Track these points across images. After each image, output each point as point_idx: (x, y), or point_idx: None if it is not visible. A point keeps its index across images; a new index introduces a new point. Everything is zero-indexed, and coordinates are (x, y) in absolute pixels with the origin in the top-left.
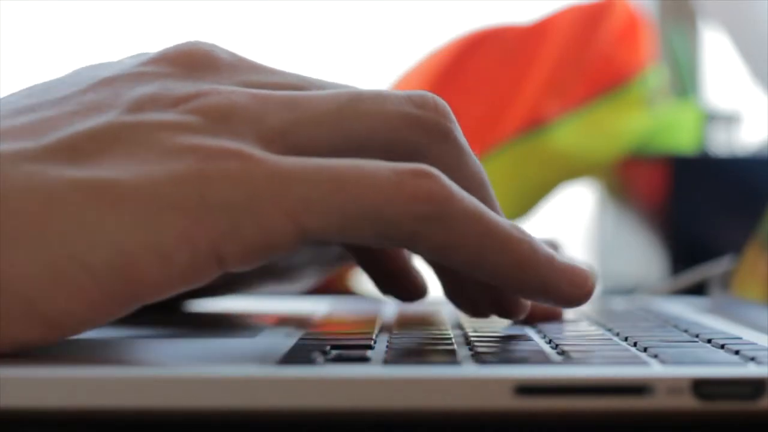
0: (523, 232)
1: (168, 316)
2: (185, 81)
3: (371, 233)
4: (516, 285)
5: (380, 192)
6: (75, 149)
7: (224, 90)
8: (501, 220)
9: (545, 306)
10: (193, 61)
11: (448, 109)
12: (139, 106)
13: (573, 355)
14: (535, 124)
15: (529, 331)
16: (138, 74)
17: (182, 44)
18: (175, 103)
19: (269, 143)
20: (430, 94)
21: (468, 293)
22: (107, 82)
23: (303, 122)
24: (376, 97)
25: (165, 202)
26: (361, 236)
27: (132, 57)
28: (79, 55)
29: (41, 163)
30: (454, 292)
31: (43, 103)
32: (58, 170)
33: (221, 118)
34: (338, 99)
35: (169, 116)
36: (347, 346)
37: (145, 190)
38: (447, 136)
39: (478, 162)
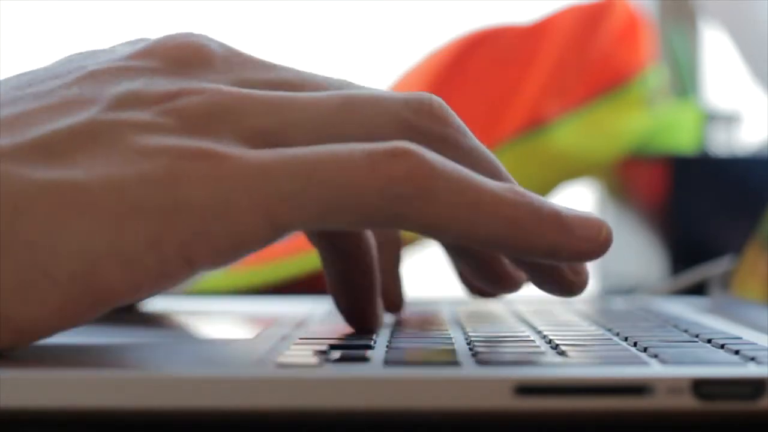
0: (520, 193)
1: (168, 316)
2: (171, 78)
3: (352, 219)
4: (520, 251)
5: (356, 177)
6: (49, 148)
7: (208, 89)
8: (494, 184)
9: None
10: (182, 56)
11: (446, 112)
12: (119, 103)
13: (573, 355)
14: (535, 124)
15: (530, 331)
16: (124, 68)
17: (173, 37)
18: (156, 101)
19: (250, 143)
20: (427, 99)
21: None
22: (93, 76)
23: (290, 125)
24: (371, 104)
25: (132, 205)
26: (342, 223)
27: (125, 44)
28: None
29: (13, 163)
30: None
31: (26, 96)
32: (30, 171)
33: (199, 118)
34: (330, 103)
35: (145, 116)
36: (347, 346)
37: (113, 193)
38: (445, 141)
39: (488, 154)
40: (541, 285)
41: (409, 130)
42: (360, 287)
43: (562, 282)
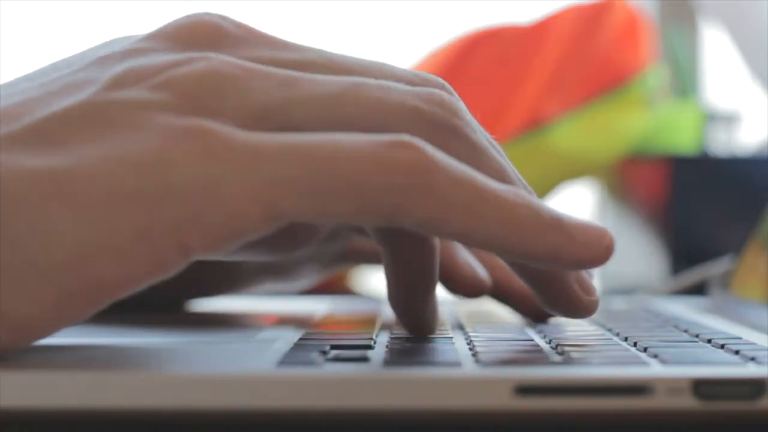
0: (521, 195)
1: (168, 317)
2: (175, 53)
3: (351, 210)
4: (520, 253)
5: (357, 166)
6: (43, 133)
7: (205, 57)
8: (496, 184)
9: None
10: (193, 35)
11: (457, 103)
12: (117, 82)
13: (573, 355)
14: (535, 124)
15: (530, 331)
16: (132, 50)
17: (186, 17)
18: (152, 74)
19: (254, 120)
20: (438, 91)
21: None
22: (101, 60)
23: (296, 102)
24: (381, 90)
25: (121, 192)
26: (341, 214)
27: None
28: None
29: (6, 152)
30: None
31: (35, 86)
32: (21, 159)
33: (194, 91)
34: (341, 84)
35: (140, 93)
36: (347, 346)
37: (102, 180)
38: (454, 133)
39: (495, 154)
40: (548, 301)
41: (417, 118)
42: (420, 288)
43: (570, 298)
